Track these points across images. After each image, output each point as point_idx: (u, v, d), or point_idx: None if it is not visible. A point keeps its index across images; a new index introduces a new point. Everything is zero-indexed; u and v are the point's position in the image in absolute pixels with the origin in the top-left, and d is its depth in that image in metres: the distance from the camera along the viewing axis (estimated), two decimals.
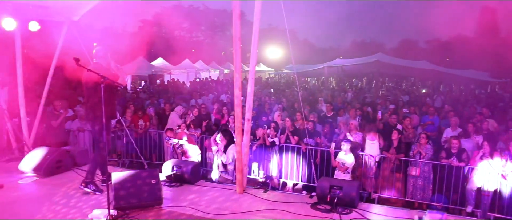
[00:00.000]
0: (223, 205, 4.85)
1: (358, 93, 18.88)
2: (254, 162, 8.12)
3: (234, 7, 5.01)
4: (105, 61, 5.14)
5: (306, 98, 14.36)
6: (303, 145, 7.76)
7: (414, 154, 7.15)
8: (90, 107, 5.08)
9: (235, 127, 5.38)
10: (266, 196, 5.20)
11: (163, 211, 4.63)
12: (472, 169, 6.71)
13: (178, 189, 5.47)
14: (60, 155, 6.29)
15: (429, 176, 7.02)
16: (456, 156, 6.82)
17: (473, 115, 10.03)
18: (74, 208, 4.67)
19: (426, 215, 1.49)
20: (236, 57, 5.19)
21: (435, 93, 19.36)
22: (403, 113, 10.58)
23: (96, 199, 4.96)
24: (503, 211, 6.32)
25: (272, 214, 4.56)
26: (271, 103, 12.46)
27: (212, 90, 18.23)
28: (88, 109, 5.19)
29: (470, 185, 6.69)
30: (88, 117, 5.28)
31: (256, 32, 5.36)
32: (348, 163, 6.96)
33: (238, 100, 5.24)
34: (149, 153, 9.26)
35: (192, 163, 5.95)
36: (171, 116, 9.96)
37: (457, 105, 12.66)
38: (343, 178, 6.61)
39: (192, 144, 7.59)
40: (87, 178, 5.20)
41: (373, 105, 12.24)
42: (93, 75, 4.53)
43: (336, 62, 23.46)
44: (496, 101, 15.60)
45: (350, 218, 4.47)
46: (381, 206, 5.10)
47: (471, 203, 6.70)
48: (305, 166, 7.87)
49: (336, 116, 10.32)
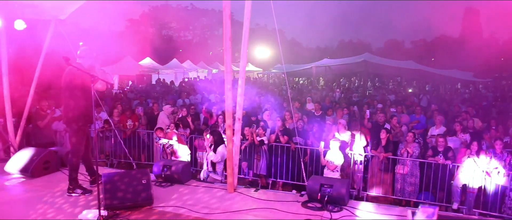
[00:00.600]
0: (215, 204, 4.85)
1: (345, 93, 19.07)
2: (243, 162, 8.15)
3: (224, 7, 5.02)
4: (88, 62, 5.01)
5: (295, 97, 14.43)
6: (292, 144, 7.81)
7: (401, 152, 7.27)
8: (66, 108, 5.00)
9: (225, 126, 5.39)
10: (257, 195, 5.22)
11: (154, 211, 4.61)
12: (458, 167, 6.86)
13: (169, 189, 5.44)
14: (48, 156, 6.19)
15: (417, 174, 7.15)
16: (442, 154, 6.97)
17: (458, 114, 10.25)
18: (63, 209, 4.61)
19: (419, 210, 1.53)
20: (226, 57, 5.19)
21: (421, 92, 19.66)
22: (391, 112, 10.74)
23: (86, 199, 4.91)
24: (488, 207, 6.49)
25: (263, 213, 4.59)
26: (260, 102, 12.50)
27: (200, 90, 18.16)
28: (65, 110, 5.09)
29: (456, 182, 6.84)
30: (66, 117, 5.14)
31: (246, 32, 5.38)
32: (337, 162, 7.04)
33: (229, 100, 5.25)
34: (138, 153, 9.19)
35: (182, 163, 5.94)
36: (160, 116, 9.91)
37: (442, 105, 12.92)
38: (332, 177, 6.68)
39: (182, 144, 7.57)
40: (70, 185, 5.08)
41: (360, 104, 12.39)
42: (76, 74, 4.54)
43: (324, 62, 23.68)
44: (480, 100, 15.94)
45: (341, 215, 4.52)
46: (371, 204, 5.16)
47: (457, 200, 6.85)
48: (294, 165, 7.92)
49: (324, 115, 10.42)
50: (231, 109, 5.32)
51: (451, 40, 44.53)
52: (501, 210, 6.48)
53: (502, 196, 6.54)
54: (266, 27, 48.99)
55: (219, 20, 44.77)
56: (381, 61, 21.16)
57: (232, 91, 5.23)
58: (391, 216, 4.50)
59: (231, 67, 5.36)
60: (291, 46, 45.63)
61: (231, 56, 5.31)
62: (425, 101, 15.32)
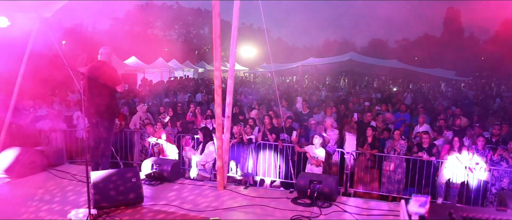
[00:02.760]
0: (205, 202, 4.87)
1: (332, 92, 19.27)
2: (231, 160, 8.17)
3: (214, 6, 5.04)
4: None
5: (282, 96, 14.51)
6: (280, 142, 7.86)
7: (388, 150, 7.42)
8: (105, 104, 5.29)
9: (215, 124, 5.41)
10: (247, 192, 5.25)
11: (144, 209, 4.60)
12: (442, 163, 7.04)
13: (159, 187, 5.43)
14: (33, 156, 6.10)
15: (403, 171, 7.30)
16: (426, 150, 7.13)
17: (441, 111, 10.50)
18: (52, 209, 4.56)
19: (412, 199, 1.60)
20: (216, 56, 5.21)
21: (405, 91, 20.02)
22: (376, 110, 10.91)
23: (75, 199, 4.87)
24: (470, 202, 6.68)
25: (254, 210, 4.63)
26: (248, 101, 12.55)
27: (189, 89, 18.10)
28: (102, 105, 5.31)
29: (440, 178, 7.02)
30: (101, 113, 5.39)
31: (235, 31, 5.41)
32: (320, 157, 7.12)
33: (219, 98, 5.27)
34: (125, 152, 9.12)
35: (172, 161, 5.93)
36: (134, 117, 9.81)
37: (426, 103, 13.21)
38: (315, 172, 6.76)
39: (170, 143, 7.56)
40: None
41: (346, 103, 12.55)
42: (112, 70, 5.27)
43: (310, 61, 23.84)
44: (462, 98, 16.33)
45: (330, 211, 4.59)
46: (359, 199, 5.26)
47: (441, 195, 7.02)
48: (282, 163, 7.98)
49: (311, 113, 10.52)
50: (220, 107, 5.34)
51: (433, 40, 45.48)
52: (483, 204, 6.68)
53: (484, 191, 6.75)
54: (252, 27, 49.07)
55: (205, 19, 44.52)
56: (366, 60, 21.44)
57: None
58: (380, 211, 4.59)
59: (220, 66, 5.38)
60: (277, 45, 45.77)
61: (220, 55, 5.32)
62: (409, 100, 15.60)
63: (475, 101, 15.48)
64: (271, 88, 19.29)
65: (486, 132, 8.21)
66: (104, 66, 5.37)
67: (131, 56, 25.64)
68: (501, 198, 4.51)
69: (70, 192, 5.13)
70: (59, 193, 5.11)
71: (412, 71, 21.63)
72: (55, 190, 5.17)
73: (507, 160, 6.54)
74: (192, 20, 51.15)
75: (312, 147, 7.24)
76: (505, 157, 6.57)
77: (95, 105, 5.26)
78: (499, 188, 6.53)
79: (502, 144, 7.22)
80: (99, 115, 5.36)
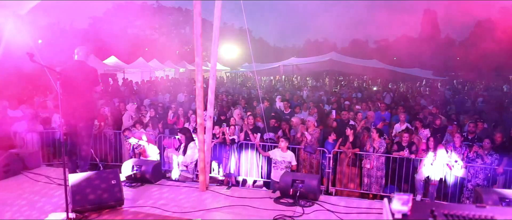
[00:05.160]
0: (187, 203, 4.81)
1: (313, 91, 19.41)
2: (213, 160, 8.12)
3: (195, 5, 5.00)
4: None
5: (264, 96, 14.53)
6: (257, 142, 7.81)
7: (367, 148, 7.52)
8: (82, 104, 5.18)
9: (197, 124, 5.36)
10: (230, 193, 5.23)
11: (124, 212, 4.51)
12: (421, 161, 7.19)
13: (139, 189, 5.34)
14: (8, 158, 5.89)
15: (383, 169, 7.42)
16: (407, 148, 7.27)
17: (419, 110, 10.74)
18: (28, 214, 4.41)
19: (394, 198, 1.62)
20: (197, 55, 5.16)
21: (385, 90, 20.38)
22: (356, 109, 11.06)
23: (53, 202, 4.72)
24: (448, 198, 6.85)
25: (237, 210, 4.60)
26: (229, 101, 12.50)
27: (169, 90, 17.90)
28: (79, 106, 5.18)
29: (419, 175, 7.17)
30: (79, 114, 5.25)
31: (216, 30, 5.37)
32: (289, 159, 7.01)
33: (200, 98, 5.22)
34: (105, 153, 8.93)
35: (152, 162, 5.84)
36: (125, 117, 9.67)
37: (405, 102, 13.47)
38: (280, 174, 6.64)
39: (151, 144, 7.45)
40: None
41: (328, 103, 12.68)
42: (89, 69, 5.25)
43: (291, 61, 23.95)
44: (439, 97, 16.74)
45: (312, 210, 4.61)
46: (341, 197, 5.32)
47: (420, 192, 7.17)
48: (265, 163, 7.98)
49: (293, 113, 10.56)
50: (202, 107, 5.29)
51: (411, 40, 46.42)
52: (460, 200, 6.86)
53: (461, 187, 6.93)
54: (233, 26, 48.92)
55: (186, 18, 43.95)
56: (347, 60, 21.68)
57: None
58: (361, 208, 4.65)
59: (202, 65, 5.33)
60: (258, 45, 45.83)
61: (202, 54, 5.28)
62: (388, 99, 15.88)
63: (453, 100, 15.91)
64: (253, 88, 19.31)
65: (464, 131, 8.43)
66: (81, 66, 5.24)
67: (111, 55, 25.18)
68: (477, 194, 4.63)
69: (47, 196, 4.98)
70: (35, 197, 4.95)
71: (391, 71, 22.02)
72: (31, 194, 5.01)
73: (482, 157, 6.74)
74: (173, 19, 50.55)
75: (277, 150, 7.13)
76: (480, 154, 6.76)
77: (73, 106, 5.12)
78: (475, 184, 6.72)
79: (478, 141, 7.44)
80: (77, 115, 5.22)
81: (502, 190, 4.79)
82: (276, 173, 6.90)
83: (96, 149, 8.54)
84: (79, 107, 5.15)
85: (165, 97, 14.62)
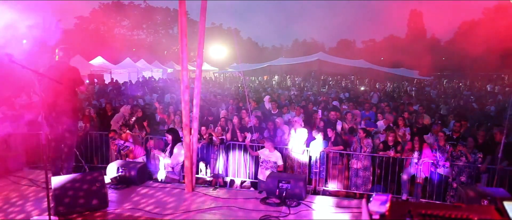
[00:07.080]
0: (173, 205, 4.78)
1: (301, 91, 19.49)
2: (201, 161, 8.08)
3: (180, 4, 4.97)
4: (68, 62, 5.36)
5: (251, 96, 14.53)
6: (247, 141, 7.80)
7: (354, 148, 7.58)
8: (66, 106, 5.06)
9: (182, 125, 5.33)
10: (216, 194, 5.21)
11: (109, 215, 4.45)
12: (407, 160, 7.28)
13: (125, 191, 5.28)
14: None
15: (370, 168, 7.48)
16: (392, 148, 7.35)
17: (403, 109, 10.88)
18: (10, 217, 4.32)
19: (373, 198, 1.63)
20: (182, 55, 5.13)
21: (372, 90, 20.58)
22: (344, 109, 11.13)
23: (36, 205, 4.64)
24: (433, 197, 6.94)
25: (223, 211, 4.59)
26: (216, 101, 12.46)
27: (156, 90, 17.78)
28: (62, 107, 5.07)
29: (405, 174, 7.25)
30: (63, 115, 5.13)
31: (202, 30, 5.35)
32: (276, 160, 7.06)
33: (186, 98, 5.20)
34: (90, 155, 8.81)
35: (138, 164, 5.78)
36: (115, 117, 9.54)
37: (391, 101, 13.62)
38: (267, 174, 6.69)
39: (137, 145, 7.38)
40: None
41: (316, 103, 12.73)
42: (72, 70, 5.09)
43: (279, 61, 24.04)
44: (425, 97, 16.98)
45: (298, 210, 4.63)
46: (327, 197, 5.35)
47: (406, 191, 7.25)
48: (252, 163, 7.98)
49: (281, 113, 10.58)
50: (188, 108, 5.27)
51: (398, 41, 47.03)
52: (445, 199, 6.96)
53: (445, 186, 7.04)
54: (221, 27, 48.83)
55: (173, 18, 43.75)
56: (334, 60, 21.85)
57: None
58: (347, 208, 4.68)
59: (187, 65, 5.30)
60: (246, 45, 45.82)
61: (187, 54, 5.25)
62: (375, 98, 16.04)
63: (438, 100, 16.14)
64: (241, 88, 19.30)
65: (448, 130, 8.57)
66: (63, 66, 5.15)
67: (97, 56, 24.91)
68: (459, 192, 4.71)
69: (29, 199, 4.89)
70: (17, 200, 4.85)
71: (378, 71, 22.27)
72: (12, 197, 4.91)
73: (466, 155, 6.85)
74: (160, 19, 50.21)
75: (266, 150, 7.17)
76: (464, 153, 6.87)
77: (56, 108, 5.04)
78: (459, 183, 6.83)
79: (462, 140, 7.55)
80: (61, 117, 5.13)
81: (485, 188, 4.91)
82: (263, 173, 6.92)
83: (82, 151, 8.41)
84: (62, 108, 5.06)
85: (153, 98, 14.51)
